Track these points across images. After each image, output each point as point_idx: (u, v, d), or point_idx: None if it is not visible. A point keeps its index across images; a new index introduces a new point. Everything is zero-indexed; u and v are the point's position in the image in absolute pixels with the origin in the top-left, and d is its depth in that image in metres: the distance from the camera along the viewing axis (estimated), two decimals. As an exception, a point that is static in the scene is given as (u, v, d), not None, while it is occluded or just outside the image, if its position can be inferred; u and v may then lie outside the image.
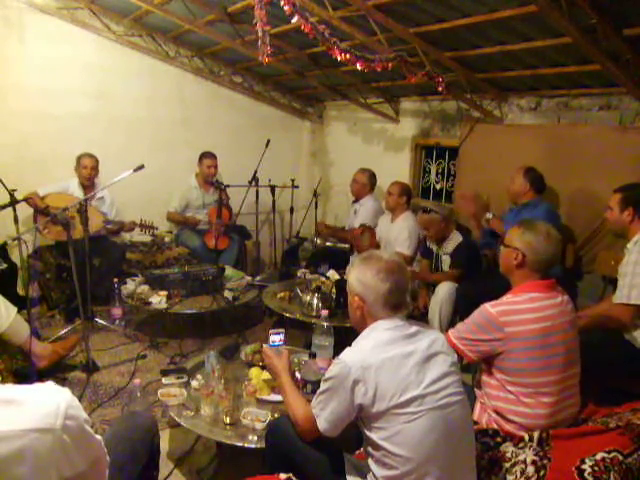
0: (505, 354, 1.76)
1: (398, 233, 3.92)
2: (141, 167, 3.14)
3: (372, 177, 4.51)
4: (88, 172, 4.04)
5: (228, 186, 4.58)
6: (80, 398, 2.68)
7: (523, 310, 1.78)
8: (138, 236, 4.37)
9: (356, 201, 4.59)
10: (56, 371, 2.86)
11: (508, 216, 3.47)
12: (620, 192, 2.48)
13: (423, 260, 3.75)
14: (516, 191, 3.37)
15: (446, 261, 3.53)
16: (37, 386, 0.95)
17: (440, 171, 4.71)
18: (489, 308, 1.80)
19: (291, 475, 1.58)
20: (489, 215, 3.51)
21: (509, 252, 1.90)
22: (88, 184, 4.07)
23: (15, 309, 2.67)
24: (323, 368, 2.18)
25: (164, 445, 2.30)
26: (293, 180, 5.19)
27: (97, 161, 4.09)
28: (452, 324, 3.18)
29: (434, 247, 3.64)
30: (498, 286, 2.04)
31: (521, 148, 3.72)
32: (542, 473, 1.61)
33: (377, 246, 4.03)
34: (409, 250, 3.83)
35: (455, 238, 3.51)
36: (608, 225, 2.65)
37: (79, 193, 4.01)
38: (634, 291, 2.25)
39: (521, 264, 1.86)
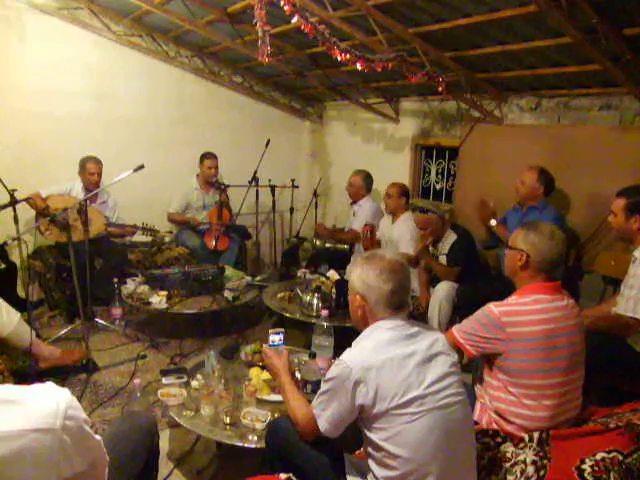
0: (507, 354, 1.76)
1: (401, 234, 3.91)
2: (141, 167, 3.13)
3: (367, 178, 4.49)
4: (95, 179, 4.02)
5: (229, 186, 4.58)
6: (80, 398, 2.68)
7: (527, 311, 1.77)
8: (138, 236, 4.37)
9: (354, 203, 4.58)
10: (56, 371, 2.84)
11: (512, 217, 3.45)
12: (624, 197, 2.35)
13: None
14: (528, 193, 3.29)
15: (443, 261, 3.52)
16: (37, 386, 0.95)
17: (440, 171, 4.71)
18: (493, 308, 1.80)
19: (291, 475, 1.58)
20: (493, 222, 3.50)
21: (514, 254, 1.89)
22: (93, 188, 4.04)
23: (18, 314, 2.63)
24: (323, 368, 2.19)
25: (164, 445, 2.30)
26: (293, 180, 5.20)
27: (102, 165, 4.06)
28: (451, 324, 3.18)
29: (430, 249, 3.61)
30: (498, 288, 2.03)
31: (521, 148, 3.72)
32: (542, 473, 1.61)
33: (378, 245, 4.03)
34: (413, 251, 3.81)
35: (450, 238, 3.49)
36: (612, 231, 2.58)
37: (83, 196, 3.96)
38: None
39: (525, 265, 1.85)
